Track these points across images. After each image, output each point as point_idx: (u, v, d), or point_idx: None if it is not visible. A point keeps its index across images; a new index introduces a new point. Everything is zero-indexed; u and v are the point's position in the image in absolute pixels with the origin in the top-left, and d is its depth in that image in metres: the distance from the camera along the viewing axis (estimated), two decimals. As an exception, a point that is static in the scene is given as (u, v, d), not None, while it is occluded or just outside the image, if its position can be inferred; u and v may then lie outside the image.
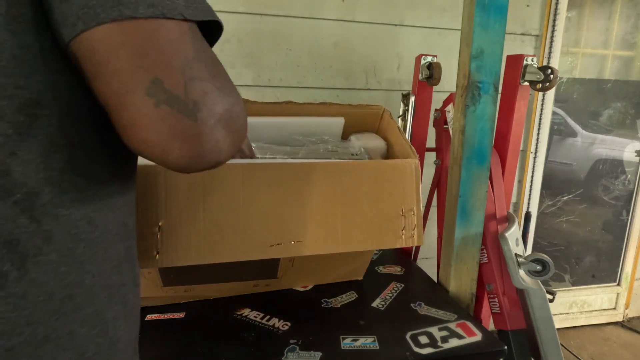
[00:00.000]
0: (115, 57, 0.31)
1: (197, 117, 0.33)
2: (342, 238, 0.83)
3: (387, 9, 1.57)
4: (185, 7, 0.33)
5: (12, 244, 0.33)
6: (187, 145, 0.33)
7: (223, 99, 0.35)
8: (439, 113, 1.37)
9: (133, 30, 0.31)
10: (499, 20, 0.98)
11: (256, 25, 1.45)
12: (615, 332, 2.22)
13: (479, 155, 1.05)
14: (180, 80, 0.32)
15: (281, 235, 0.79)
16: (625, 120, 2.23)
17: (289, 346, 0.83)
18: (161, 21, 0.32)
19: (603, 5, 2.01)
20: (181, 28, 0.33)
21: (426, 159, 1.42)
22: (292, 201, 0.80)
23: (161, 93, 0.32)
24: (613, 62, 2.10)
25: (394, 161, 0.88)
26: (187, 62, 0.33)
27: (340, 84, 1.59)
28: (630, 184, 2.23)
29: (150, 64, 0.31)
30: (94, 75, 0.33)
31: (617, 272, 2.30)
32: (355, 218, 0.84)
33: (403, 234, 0.86)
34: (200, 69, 0.33)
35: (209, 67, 0.35)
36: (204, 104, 0.33)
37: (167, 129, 0.32)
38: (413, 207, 0.87)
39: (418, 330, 0.89)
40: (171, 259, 0.72)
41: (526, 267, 1.09)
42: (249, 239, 0.77)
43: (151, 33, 0.32)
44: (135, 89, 0.31)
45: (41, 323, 0.35)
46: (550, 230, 2.20)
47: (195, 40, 0.34)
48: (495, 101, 1.04)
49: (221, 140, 0.35)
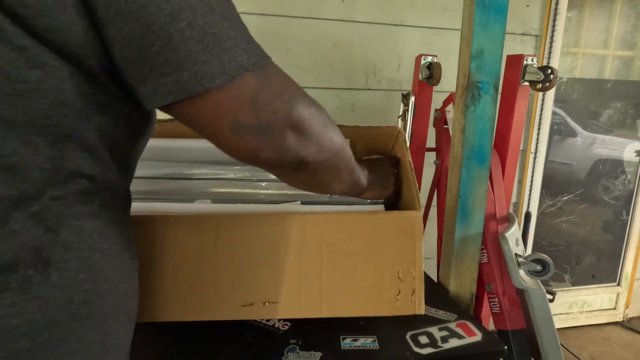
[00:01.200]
0: (201, 116, 0.41)
1: (272, 131, 0.43)
2: (325, 302, 0.74)
3: (387, 9, 1.58)
4: (247, 59, 0.40)
5: (37, 250, 0.37)
6: (269, 151, 0.44)
7: (291, 110, 0.44)
8: (439, 113, 1.37)
9: (214, 97, 0.39)
10: (499, 20, 0.98)
11: (256, 25, 1.45)
12: (615, 332, 2.22)
13: (479, 155, 1.05)
14: (252, 114, 0.41)
15: (254, 294, 0.72)
16: (625, 120, 2.23)
17: (289, 346, 0.83)
18: (234, 82, 0.39)
19: (603, 5, 2.01)
20: (248, 79, 0.40)
21: (426, 159, 1.42)
22: (269, 257, 0.72)
23: (241, 128, 0.41)
24: (613, 62, 2.10)
25: (393, 214, 0.77)
26: (254, 97, 0.41)
27: (340, 84, 1.59)
28: (630, 184, 2.23)
29: (227, 112, 0.41)
30: (186, 123, 0.42)
31: (617, 272, 2.30)
32: (341, 279, 0.74)
33: (398, 299, 0.76)
34: (265, 95, 0.42)
35: (274, 87, 0.43)
36: (274, 121, 0.43)
37: (252, 145, 0.43)
38: (412, 269, 0.75)
39: (418, 330, 0.89)
40: (139, 316, 0.70)
41: (526, 267, 1.09)
42: (220, 297, 0.71)
43: (226, 93, 0.40)
44: (222, 132, 0.42)
45: (60, 325, 0.38)
46: (550, 230, 2.20)
47: (258, 76, 0.41)
48: (495, 101, 1.04)
49: (294, 141, 0.45)
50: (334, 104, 1.60)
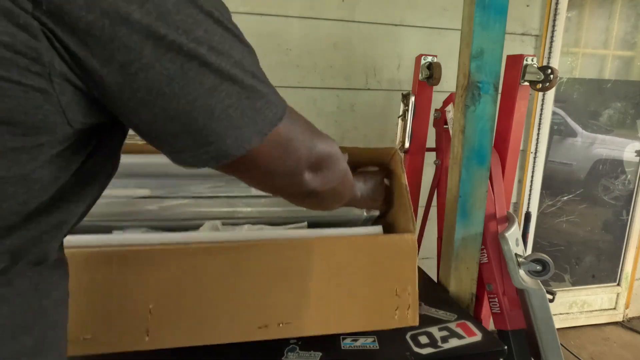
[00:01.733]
0: (234, 169, 0.44)
1: (295, 173, 0.49)
2: (332, 319, 0.80)
3: (387, 9, 1.58)
4: (275, 114, 0.42)
5: None
6: (289, 188, 0.51)
7: (311, 154, 0.49)
8: (439, 113, 1.37)
9: (249, 155, 0.42)
10: (499, 20, 0.98)
11: (256, 25, 1.45)
12: (615, 332, 2.22)
13: (479, 155, 1.05)
14: (280, 162, 0.46)
15: (269, 316, 0.77)
16: (625, 120, 2.23)
17: (289, 346, 0.83)
18: (266, 139, 0.42)
19: (603, 5, 2.01)
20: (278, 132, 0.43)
21: (426, 159, 1.42)
22: (281, 281, 0.77)
23: (270, 174, 0.47)
24: (613, 62, 2.10)
25: (391, 237, 0.83)
26: (285, 149, 0.45)
27: (340, 84, 1.59)
28: (630, 184, 2.23)
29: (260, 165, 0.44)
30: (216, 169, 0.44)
31: (617, 272, 2.30)
32: (347, 297, 0.80)
33: (397, 314, 0.82)
34: (293, 145, 0.46)
35: (299, 135, 0.46)
36: (298, 165, 0.48)
37: (277, 185, 0.50)
38: (408, 287, 0.82)
39: (418, 330, 0.89)
40: (161, 341, 0.73)
41: (526, 267, 1.09)
42: (236, 320, 0.76)
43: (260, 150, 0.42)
44: (252, 177, 0.48)
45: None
46: (550, 230, 2.20)
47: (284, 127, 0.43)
48: (495, 101, 1.04)
49: (311, 178, 0.51)
50: (334, 104, 1.60)
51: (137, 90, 0.35)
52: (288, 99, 0.45)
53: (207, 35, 0.36)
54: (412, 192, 1.44)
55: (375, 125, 1.65)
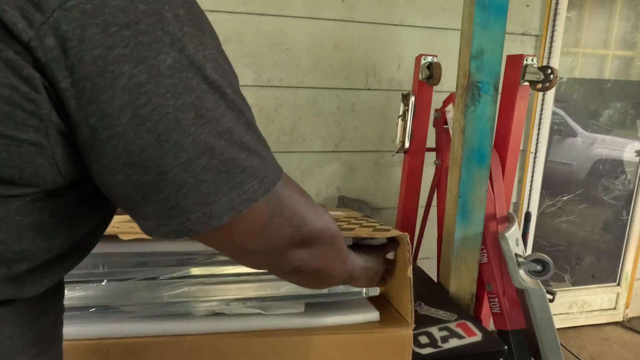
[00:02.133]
0: (206, 242, 0.42)
1: (276, 253, 0.45)
2: None
3: (387, 9, 1.58)
4: (259, 188, 0.38)
5: None
6: (269, 265, 0.49)
7: (297, 233, 0.45)
8: (439, 113, 1.37)
9: (220, 231, 0.39)
10: (499, 20, 0.98)
11: (256, 25, 1.45)
12: (615, 332, 2.22)
13: (479, 155, 1.05)
14: (259, 241, 0.42)
15: None
16: (625, 120, 2.23)
17: None
18: (242, 215, 0.38)
19: (603, 5, 2.01)
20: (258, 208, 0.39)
21: (426, 159, 1.42)
22: None
23: (247, 252, 0.44)
24: (613, 62, 2.10)
25: (387, 333, 0.81)
26: (263, 227, 0.41)
27: (340, 84, 1.59)
28: (630, 184, 2.23)
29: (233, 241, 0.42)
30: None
31: (617, 272, 2.30)
32: None
33: None
34: (276, 223, 0.42)
35: (285, 214, 0.43)
36: (280, 244, 0.44)
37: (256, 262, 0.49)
38: None
39: (418, 330, 0.89)
40: None
41: (526, 267, 1.09)
42: None
43: (234, 226, 0.39)
44: (226, 251, 0.46)
45: None
46: (550, 230, 2.20)
47: (268, 203, 0.40)
48: (495, 101, 1.04)
49: (293, 255, 0.47)
50: (334, 104, 1.60)
51: (104, 157, 0.33)
52: (288, 99, 0.44)
53: (197, 102, 0.33)
54: (412, 192, 1.45)
55: (375, 125, 1.65)
